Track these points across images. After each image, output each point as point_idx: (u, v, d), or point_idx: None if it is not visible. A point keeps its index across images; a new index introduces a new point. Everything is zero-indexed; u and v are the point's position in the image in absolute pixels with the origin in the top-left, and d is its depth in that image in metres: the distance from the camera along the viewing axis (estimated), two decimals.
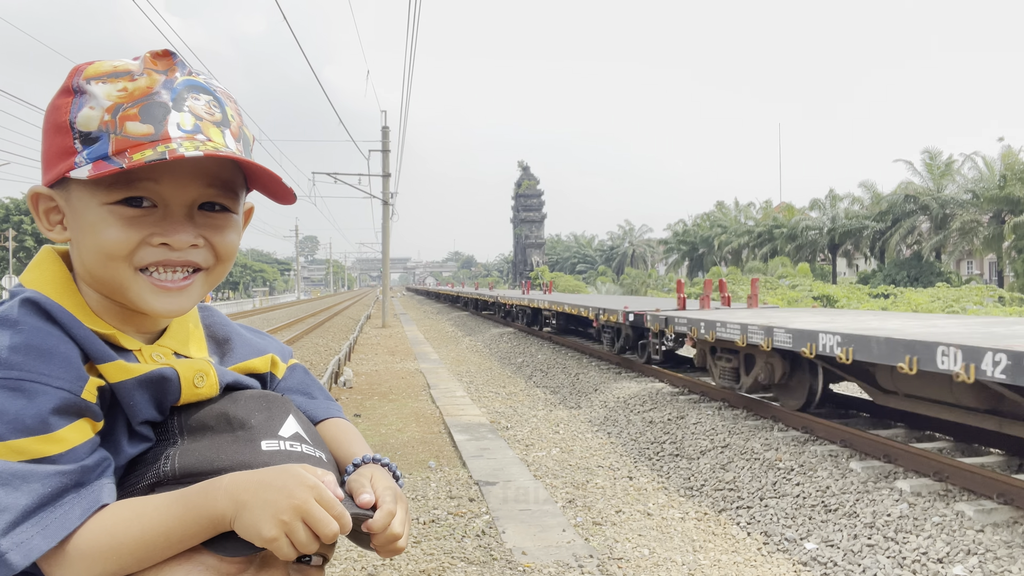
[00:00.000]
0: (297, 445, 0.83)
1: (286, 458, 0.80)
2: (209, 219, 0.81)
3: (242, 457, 0.78)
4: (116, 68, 0.78)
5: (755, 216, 60.67)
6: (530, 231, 78.09)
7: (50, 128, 0.79)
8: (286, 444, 0.82)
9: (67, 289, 0.81)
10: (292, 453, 0.81)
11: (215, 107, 0.80)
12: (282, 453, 0.80)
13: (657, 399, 9.61)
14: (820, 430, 7.03)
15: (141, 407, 0.80)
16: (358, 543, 0.84)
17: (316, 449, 0.85)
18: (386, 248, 32.37)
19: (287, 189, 0.84)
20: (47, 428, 0.71)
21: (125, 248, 0.77)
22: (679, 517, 5.70)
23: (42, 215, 0.82)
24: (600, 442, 8.31)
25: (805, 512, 5.50)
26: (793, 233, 50.17)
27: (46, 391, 0.72)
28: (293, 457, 0.81)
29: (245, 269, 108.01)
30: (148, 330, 0.86)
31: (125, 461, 0.79)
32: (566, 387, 12.04)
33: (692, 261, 64.49)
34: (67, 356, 0.75)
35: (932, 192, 41.36)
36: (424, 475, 6.82)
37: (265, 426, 0.83)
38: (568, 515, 5.66)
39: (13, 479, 0.68)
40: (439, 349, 19.88)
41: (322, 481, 0.73)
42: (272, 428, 0.83)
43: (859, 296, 28.05)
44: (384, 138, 31.26)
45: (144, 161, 0.73)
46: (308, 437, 0.86)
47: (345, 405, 10.74)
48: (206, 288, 0.84)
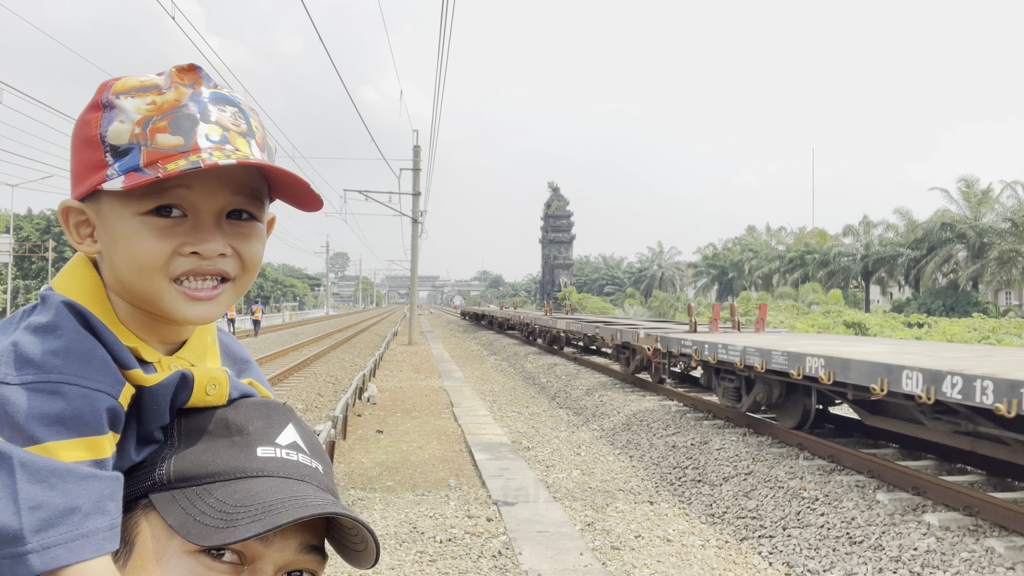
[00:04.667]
0: (293, 454, 0.82)
1: (281, 466, 0.80)
2: (236, 227, 0.82)
3: (236, 462, 0.78)
4: (144, 83, 0.80)
5: (786, 241, 60.02)
6: (558, 252, 78.11)
7: (80, 142, 0.80)
8: (282, 452, 0.81)
9: (98, 297, 0.82)
10: (287, 461, 0.81)
11: (240, 118, 0.82)
12: (277, 461, 0.80)
13: (681, 423, 9.50)
14: (847, 459, 6.89)
15: (162, 412, 0.81)
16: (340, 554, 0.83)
17: (313, 460, 0.84)
18: (414, 266, 32.60)
19: (314, 195, 0.84)
20: (85, 432, 0.72)
21: (160, 259, 0.78)
22: (699, 544, 5.61)
23: (72, 228, 0.84)
24: (622, 465, 8.22)
25: (829, 543, 5.37)
26: (825, 259, 49.52)
27: (86, 394, 0.72)
28: (288, 465, 0.80)
29: (276, 284, 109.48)
30: (171, 340, 0.87)
31: (129, 467, 0.79)
32: (589, 408, 11.96)
33: (722, 285, 63.90)
34: (105, 360, 0.76)
35: (969, 220, 40.58)
36: (443, 493, 6.80)
37: (263, 433, 0.82)
38: (586, 538, 5.60)
39: (50, 477, 0.68)
40: (464, 367, 19.89)
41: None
42: (270, 435, 0.82)
43: (893, 325, 27.51)
44: (415, 157, 31.61)
45: (179, 170, 0.74)
46: (306, 447, 0.85)
47: (368, 421, 10.79)
48: (233, 297, 0.85)
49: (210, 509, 0.73)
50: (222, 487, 0.76)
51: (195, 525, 0.72)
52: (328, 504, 0.76)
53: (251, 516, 0.72)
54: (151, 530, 0.74)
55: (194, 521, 0.72)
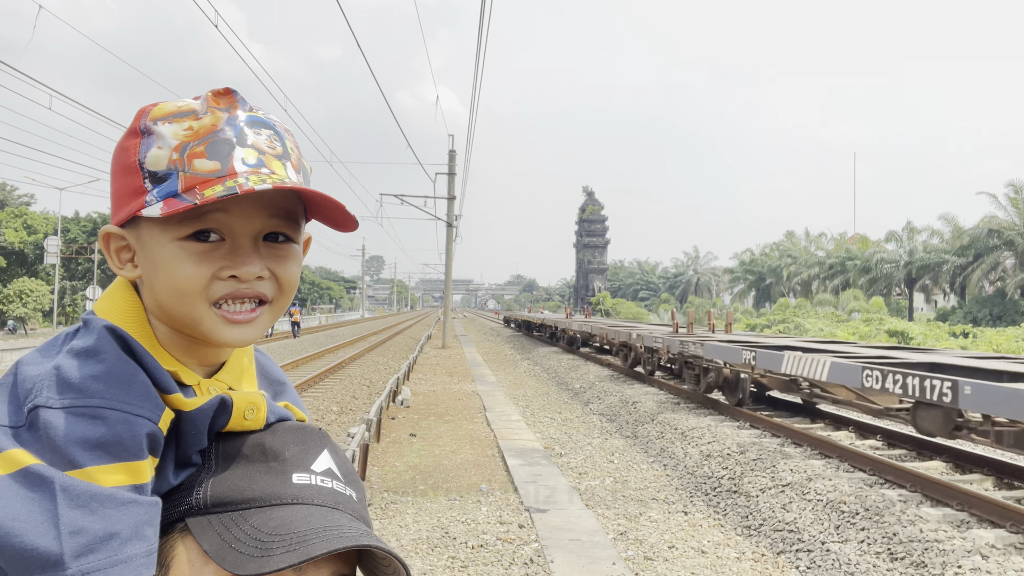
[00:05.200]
0: (328, 481, 0.82)
1: (316, 493, 0.80)
2: (273, 250, 0.83)
3: (272, 489, 0.78)
4: (180, 108, 0.80)
5: (826, 247, 58.92)
6: (593, 256, 77.78)
7: (119, 169, 0.81)
8: (317, 479, 0.81)
9: (139, 321, 0.82)
10: (323, 489, 0.81)
11: (276, 141, 0.82)
12: (312, 488, 0.80)
13: (716, 432, 9.37)
14: (889, 473, 6.72)
15: (200, 436, 0.81)
16: None
17: (348, 487, 0.84)
18: (449, 270, 32.76)
19: (349, 217, 0.85)
20: (125, 457, 0.72)
21: (199, 284, 0.79)
22: (735, 557, 5.51)
23: (113, 254, 0.84)
24: (655, 473, 8.14)
25: (869, 559, 5.24)
26: (867, 266, 48.46)
27: (126, 419, 0.73)
28: (323, 493, 0.80)
29: (313, 287, 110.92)
30: (210, 363, 0.88)
31: (166, 490, 0.79)
32: (623, 415, 11.87)
33: (759, 291, 62.98)
34: (146, 385, 0.76)
35: (1018, 227, 39.37)
36: (475, 498, 6.80)
37: (298, 459, 0.82)
38: (619, 548, 5.54)
39: (91, 502, 0.69)
40: (497, 371, 19.90)
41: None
42: (305, 462, 0.83)
43: (937, 334, 26.80)
44: (451, 161, 31.79)
45: (216, 196, 0.75)
46: (341, 474, 0.85)
47: (402, 424, 10.85)
48: (271, 320, 0.86)
49: (245, 536, 0.73)
50: (257, 514, 0.76)
51: (230, 552, 0.72)
52: (362, 536, 0.76)
53: (285, 545, 0.72)
54: (187, 555, 0.74)
55: (229, 548, 0.72)
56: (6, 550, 0.67)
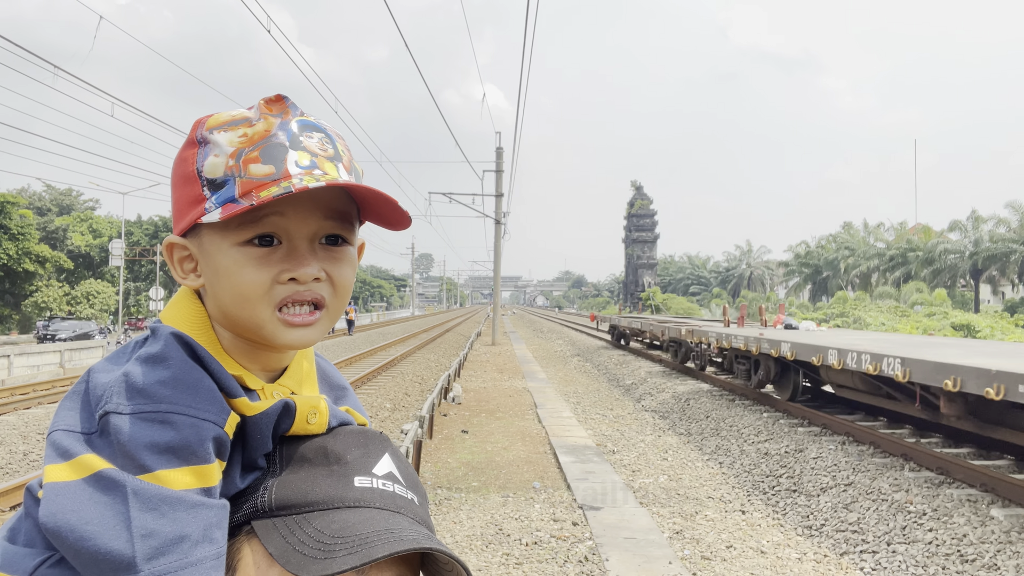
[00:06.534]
0: (390, 484, 0.83)
1: (378, 496, 0.80)
2: (329, 252, 0.84)
3: (335, 492, 0.79)
4: (234, 117, 0.82)
5: (886, 238, 57.11)
6: (642, 251, 77.04)
7: (179, 180, 0.84)
8: (379, 482, 0.82)
9: (203, 327, 0.84)
10: (384, 492, 0.81)
11: (327, 143, 0.83)
12: (374, 491, 0.80)
13: (773, 430, 9.17)
14: (957, 472, 6.46)
15: (265, 440, 0.83)
16: None
17: (409, 491, 0.84)
18: (497, 267, 32.86)
19: (402, 213, 0.86)
20: (194, 461, 0.74)
21: (261, 288, 0.80)
22: (796, 557, 5.37)
23: (176, 264, 0.86)
24: (711, 471, 8.00)
25: (938, 561, 5.04)
26: (930, 257, 46.82)
27: (194, 423, 0.75)
28: (385, 496, 0.81)
29: (364, 285, 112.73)
30: (272, 368, 0.89)
31: (234, 493, 0.81)
32: (675, 412, 11.72)
33: (815, 284, 61.44)
34: (212, 390, 0.78)
35: None
36: (528, 495, 6.80)
37: (360, 462, 0.83)
38: (675, 547, 5.46)
39: (161, 505, 0.70)
40: (547, 368, 19.88)
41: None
42: (367, 465, 0.83)
43: (1004, 327, 25.72)
44: (498, 159, 31.85)
45: (272, 197, 0.76)
46: (402, 478, 0.85)
47: (453, 421, 10.92)
48: (329, 323, 0.87)
49: (309, 539, 0.74)
50: (320, 516, 0.76)
51: (294, 555, 0.72)
52: (423, 539, 0.76)
53: (348, 548, 0.73)
54: (253, 557, 0.75)
55: (293, 550, 0.73)
56: (81, 553, 0.68)
